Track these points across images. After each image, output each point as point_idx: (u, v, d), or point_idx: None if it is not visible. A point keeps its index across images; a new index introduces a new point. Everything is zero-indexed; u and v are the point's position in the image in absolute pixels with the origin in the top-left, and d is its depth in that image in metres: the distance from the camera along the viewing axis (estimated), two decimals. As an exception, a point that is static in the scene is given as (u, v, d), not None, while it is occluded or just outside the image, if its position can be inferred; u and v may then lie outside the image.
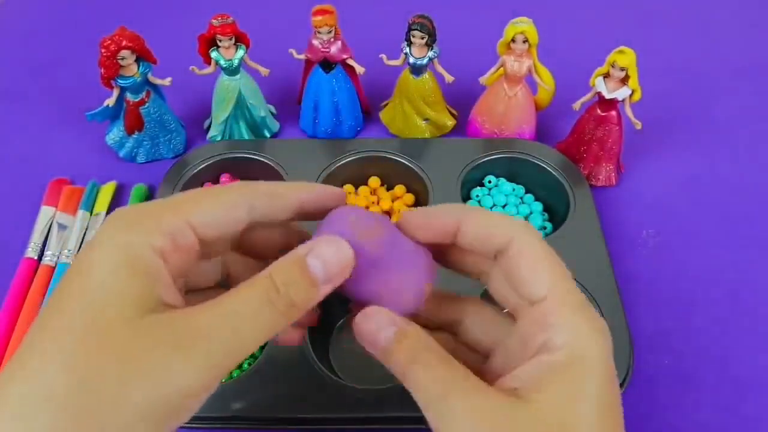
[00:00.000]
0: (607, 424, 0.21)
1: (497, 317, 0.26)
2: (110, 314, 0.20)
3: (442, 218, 0.26)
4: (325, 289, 0.24)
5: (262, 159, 0.55)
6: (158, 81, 0.55)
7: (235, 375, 0.44)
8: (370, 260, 0.24)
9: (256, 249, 0.28)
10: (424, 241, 0.26)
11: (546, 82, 0.55)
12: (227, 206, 0.24)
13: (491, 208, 0.53)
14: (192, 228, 0.23)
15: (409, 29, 0.53)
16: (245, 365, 0.44)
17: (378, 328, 0.24)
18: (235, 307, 0.22)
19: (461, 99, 0.62)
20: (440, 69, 0.57)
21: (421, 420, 0.23)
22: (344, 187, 0.55)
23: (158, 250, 0.22)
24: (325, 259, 0.23)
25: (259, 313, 0.22)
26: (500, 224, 0.25)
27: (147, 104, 0.55)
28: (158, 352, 0.20)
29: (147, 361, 0.20)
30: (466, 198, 0.54)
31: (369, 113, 0.63)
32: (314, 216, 0.27)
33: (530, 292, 0.24)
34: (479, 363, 0.26)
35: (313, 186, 0.27)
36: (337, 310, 0.47)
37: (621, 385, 0.41)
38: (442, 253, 0.27)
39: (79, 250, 0.51)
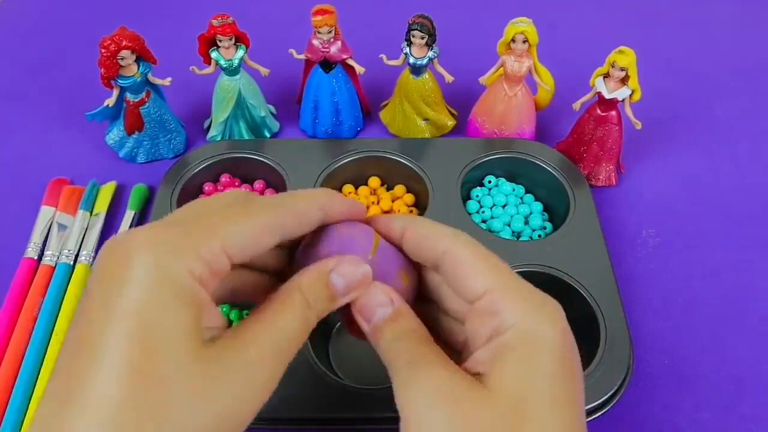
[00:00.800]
0: (562, 396, 0.22)
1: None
2: (168, 348, 0.20)
3: (389, 226, 0.28)
4: (343, 301, 0.26)
5: (262, 159, 0.55)
6: (158, 81, 0.55)
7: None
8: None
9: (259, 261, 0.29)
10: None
11: (546, 82, 0.55)
12: (261, 231, 0.24)
13: (491, 208, 0.53)
14: (226, 253, 0.23)
15: (409, 29, 0.53)
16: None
17: (377, 303, 0.26)
18: (281, 325, 0.24)
19: (461, 99, 0.62)
20: (440, 69, 0.57)
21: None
22: (344, 187, 0.55)
23: (198, 278, 0.22)
24: (347, 277, 0.26)
25: (300, 328, 0.24)
26: (434, 233, 0.26)
27: (147, 104, 0.55)
28: (224, 384, 0.21)
29: (217, 393, 0.21)
30: (466, 198, 0.54)
31: (369, 113, 0.63)
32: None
33: (473, 289, 0.25)
34: (460, 340, 0.28)
35: (338, 201, 0.28)
36: (336, 310, 0.47)
37: (621, 385, 0.41)
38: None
39: (78, 250, 0.51)
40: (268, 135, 0.61)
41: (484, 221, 0.53)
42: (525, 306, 0.24)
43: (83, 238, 0.52)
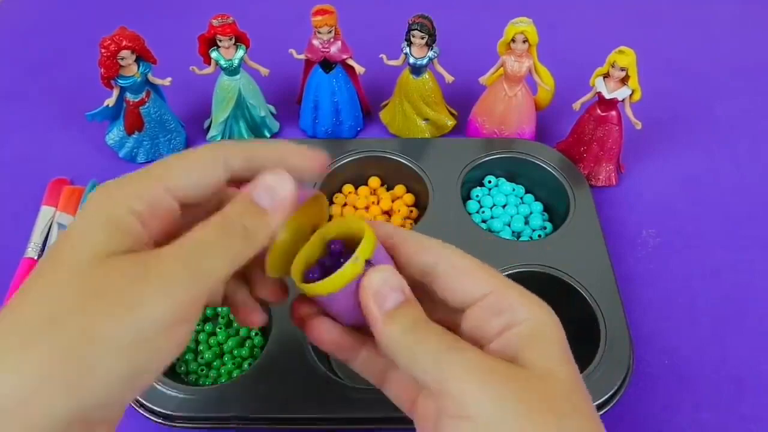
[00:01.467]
0: (577, 377, 0.25)
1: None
2: (81, 256, 0.22)
3: (381, 231, 0.28)
4: (276, 217, 0.25)
5: (262, 159, 0.54)
6: (158, 81, 0.55)
7: (235, 375, 0.44)
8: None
9: None
10: None
11: (546, 82, 0.55)
12: (201, 165, 0.25)
13: (491, 208, 0.53)
14: (171, 193, 0.24)
15: (409, 29, 0.53)
16: (245, 365, 0.44)
17: (392, 289, 0.25)
18: (196, 238, 0.23)
19: (461, 99, 0.62)
20: (440, 69, 0.57)
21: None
22: (344, 187, 0.55)
23: (137, 214, 0.23)
24: (271, 190, 0.25)
25: (219, 240, 0.24)
26: (425, 243, 0.27)
27: (147, 104, 0.55)
28: (126, 285, 0.21)
29: (116, 294, 0.21)
30: (466, 198, 0.54)
31: (369, 113, 0.63)
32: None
33: (471, 293, 0.26)
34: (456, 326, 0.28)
35: (291, 148, 0.28)
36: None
37: (621, 385, 0.41)
38: None
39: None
40: (268, 135, 0.61)
41: (484, 221, 0.53)
42: (531, 303, 0.26)
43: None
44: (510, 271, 0.46)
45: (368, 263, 0.26)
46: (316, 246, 0.28)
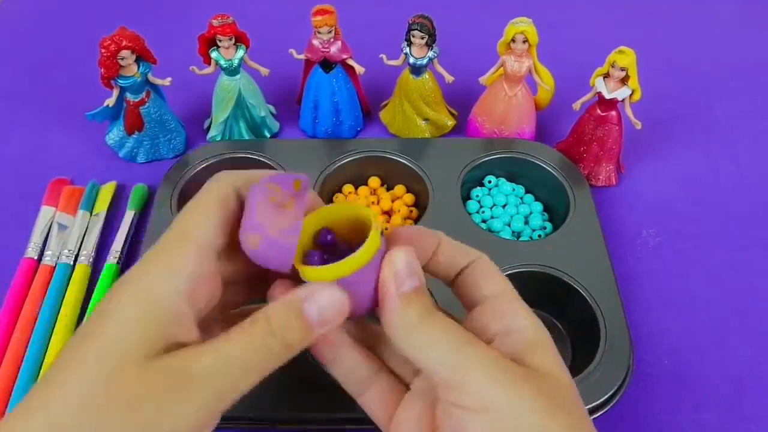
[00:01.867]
0: (575, 384, 0.26)
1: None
2: (121, 359, 0.22)
3: (424, 238, 0.28)
4: (320, 332, 0.25)
5: (262, 159, 0.55)
6: (158, 81, 0.55)
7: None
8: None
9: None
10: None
11: (546, 82, 0.55)
12: (216, 204, 0.26)
13: (491, 208, 0.53)
14: (209, 251, 0.25)
15: (409, 29, 0.53)
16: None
17: (410, 271, 0.25)
18: (233, 351, 0.23)
19: (461, 99, 0.62)
20: (440, 69, 0.57)
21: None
22: (344, 187, 0.55)
23: (181, 293, 0.23)
24: (321, 305, 0.24)
25: (254, 357, 0.23)
26: (463, 245, 0.29)
27: (147, 104, 0.55)
28: (159, 395, 0.22)
29: (148, 403, 0.22)
30: (466, 198, 0.54)
31: (369, 113, 0.63)
32: None
33: (489, 289, 0.28)
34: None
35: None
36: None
37: (621, 385, 0.41)
38: None
39: (78, 250, 0.51)
40: (268, 135, 0.61)
41: (484, 221, 0.53)
42: (529, 313, 0.27)
43: (83, 238, 0.52)
44: (510, 271, 0.46)
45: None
46: (306, 235, 0.26)
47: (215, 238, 0.25)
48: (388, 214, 0.54)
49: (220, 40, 0.54)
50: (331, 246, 0.27)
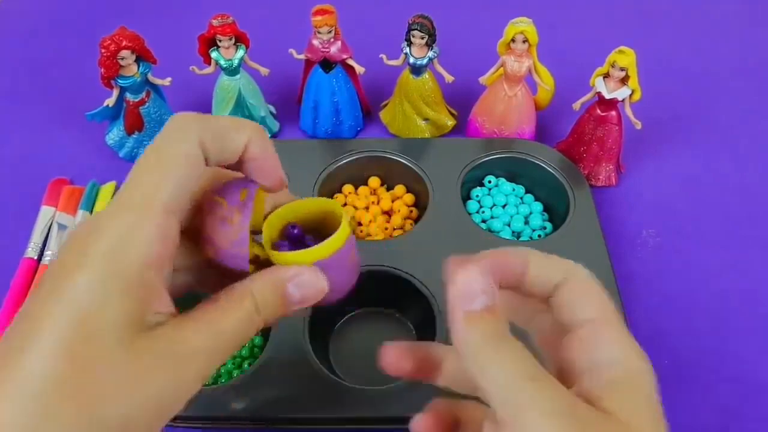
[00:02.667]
0: (661, 427, 0.23)
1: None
2: (103, 336, 0.21)
3: (509, 258, 0.26)
4: (294, 309, 0.25)
5: (262, 159, 0.54)
6: (158, 81, 0.55)
7: (236, 375, 0.44)
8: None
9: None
10: (495, 281, 0.25)
11: (546, 82, 0.55)
12: (184, 166, 0.24)
13: (491, 208, 0.53)
14: (172, 215, 0.23)
15: (409, 29, 0.53)
16: (245, 365, 0.44)
17: (478, 288, 0.23)
18: (225, 326, 0.23)
19: (461, 99, 0.62)
20: (440, 69, 0.57)
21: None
22: (344, 187, 0.55)
23: (150, 262, 0.22)
24: (304, 289, 0.25)
25: (243, 332, 0.24)
26: (558, 262, 0.26)
27: (147, 104, 0.55)
28: (152, 375, 0.21)
29: (144, 384, 0.21)
30: (466, 198, 0.54)
31: (369, 113, 0.63)
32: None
33: (584, 313, 0.25)
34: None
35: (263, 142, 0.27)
36: (336, 310, 0.47)
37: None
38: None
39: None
40: (268, 135, 0.61)
41: (484, 221, 0.53)
42: (626, 342, 0.25)
43: (83, 238, 0.52)
44: (510, 271, 0.46)
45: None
46: (274, 228, 0.27)
47: (181, 203, 0.23)
48: (388, 214, 0.54)
49: (220, 40, 0.54)
50: (299, 238, 0.27)
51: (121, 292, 0.21)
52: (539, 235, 0.52)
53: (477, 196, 0.55)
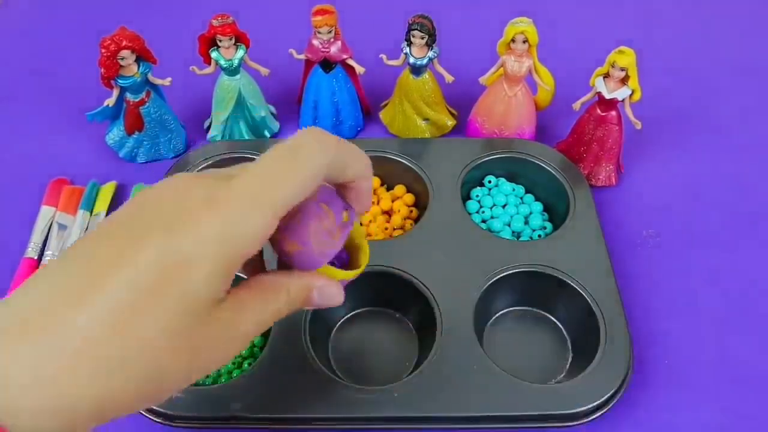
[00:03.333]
0: None
1: None
2: (200, 312, 0.23)
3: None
4: (308, 307, 0.30)
5: (262, 159, 0.54)
6: (158, 81, 0.55)
7: (236, 375, 0.44)
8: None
9: None
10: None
11: (546, 82, 0.55)
12: (311, 182, 0.26)
13: (491, 208, 0.53)
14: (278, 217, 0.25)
15: (409, 29, 0.53)
16: (245, 365, 0.44)
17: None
18: (264, 315, 0.27)
19: (461, 99, 0.62)
20: (440, 69, 0.57)
21: (420, 420, 0.23)
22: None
23: (249, 254, 0.25)
24: (325, 298, 0.29)
25: (271, 321, 0.27)
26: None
27: (147, 104, 0.55)
28: (208, 351, 0.24)
29: (201, 355, 0.24)
30: (466, 198, 0.54)
31: (369, 113, 0.63)
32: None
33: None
34: None
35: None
36: (337, 310, 0.47)
37: (621, 385, 0.41)
38: None
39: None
40: (268, 135, 0.61)
41: (484, 221, 0.53)
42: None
43: (83, 238, 0.52)
44: (510, 271, 0.46)
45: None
46: None
47: (290, 207, 0.25)
48: (388, 214, 0.54)
49: (220, 40, 0.54)
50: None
51: (224, 274, 0.24)
52: (539, 235, 0.52)
53: (477, 196, 0.55)
